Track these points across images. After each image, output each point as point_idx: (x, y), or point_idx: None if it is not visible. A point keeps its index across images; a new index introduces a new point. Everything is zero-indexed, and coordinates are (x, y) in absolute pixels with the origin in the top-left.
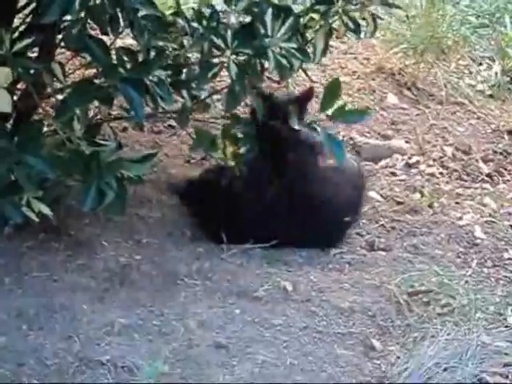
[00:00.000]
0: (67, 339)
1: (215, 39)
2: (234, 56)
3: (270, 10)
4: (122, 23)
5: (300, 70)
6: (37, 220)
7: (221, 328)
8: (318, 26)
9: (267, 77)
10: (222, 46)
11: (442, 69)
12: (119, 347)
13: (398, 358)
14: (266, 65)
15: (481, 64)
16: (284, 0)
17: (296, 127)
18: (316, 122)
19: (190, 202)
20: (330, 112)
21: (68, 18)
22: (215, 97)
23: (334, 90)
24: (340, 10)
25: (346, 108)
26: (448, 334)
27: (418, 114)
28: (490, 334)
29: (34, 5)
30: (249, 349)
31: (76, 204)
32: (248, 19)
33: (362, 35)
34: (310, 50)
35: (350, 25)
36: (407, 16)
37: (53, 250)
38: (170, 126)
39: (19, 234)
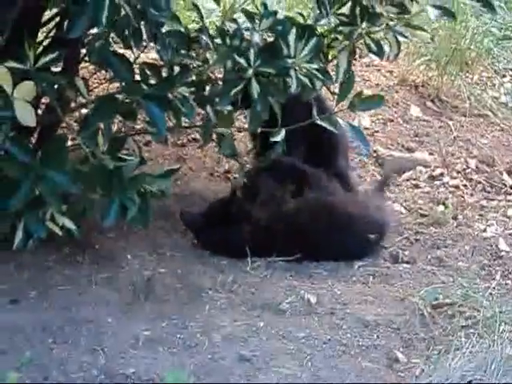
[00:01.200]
0: (92, 352)
1: (237, 58)
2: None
3: (293, 30)
4: (145, 37)
5: None
6: (61, 234)
7: (245, 341)
8: (341, 47)
9: None
10: (245, 64)
11: (465, 81)
12: (144, 360)
13: (423, 370)
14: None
15: (504, 76)
16: (308, 19)
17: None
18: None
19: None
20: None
21: (91, 31)
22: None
23: (349, 82)
24: (363, 32)
25: (363, 96)
26: (472, 347)
27: (441, 126)
28: None
29: (58, 19)
30: (273, 361)
31: (100, 218)
32: (272, 38)
33: (385, 57)
34: (332, 69)
35: (373, 47)
36: (432, 38)
37: (77, 263)
38: (193, 139)
39: (44, 248)
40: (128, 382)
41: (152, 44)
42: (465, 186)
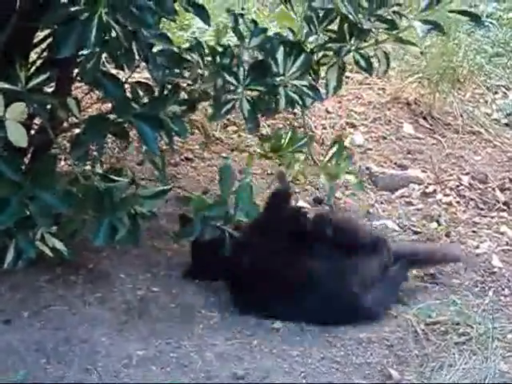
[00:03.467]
0: (86, 372)
1: (227, 76)
2: (248, 91)
3: (281, 48)
4: (137, 57)
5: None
6: (51, 255)
7: (239, 359)
8: (330, 63)
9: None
10: (234, 82)
11: (458, 98)
12: (137, 379)
13: None
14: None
15: (496, 92)
16: (298, 35)
17: None
18: None
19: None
20: None
21: (84, 52)
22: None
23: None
24: (352, 48)
25: None
26: (466, 363)
27: (434, 144)
28: (508, 362)
29: (50, 40)
30: (267, 380)
31: (91, 238)
32: (261, 56)
33: (374, 74)
34: (323, 86)
35: (362, 63)
36: (421, 52)
37: (70, 283)
38: (186, 158)
39: (36, 268)
40: None
41: (144, 64)
42: (458, 202)
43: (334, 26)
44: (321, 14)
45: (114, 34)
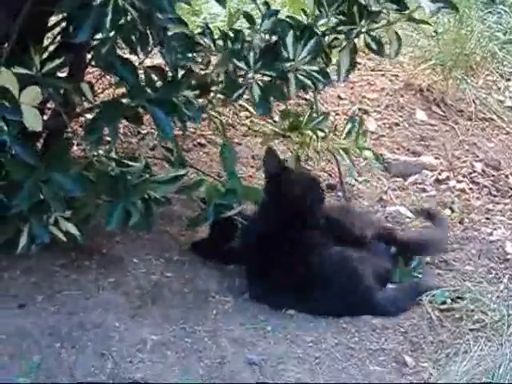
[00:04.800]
0: (100, 357)
1: (237, 62)
2: (259, 76)
3: (291, 32)
4: (151, 42)
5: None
6: (65, 239)
7: (253, 345)
8: (342, 46)
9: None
10: (245, 68)
11: (471, 85)
12: (152, 365)
13: (431, 374)
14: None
15: (509, 80)
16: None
17: None
18: None
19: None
20: None
21: (98, 36)
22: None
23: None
24: (363, 30)
25: None
26: (481, 350)
27: (447, 130)
28: None
29: (63, 24)
30: (281, 365)
31: (104, 222)
32: (272, 40)
33: (386, 55)
34: (335, 69)
35: (373, 45)
36: (436, 31)
37: (84, 267)
38: (199, 144)
39: (50, 253)
40: None
41: (156, 50)
42: (471, 189)
43: (345, 9)
44: None
45: (129, 17)
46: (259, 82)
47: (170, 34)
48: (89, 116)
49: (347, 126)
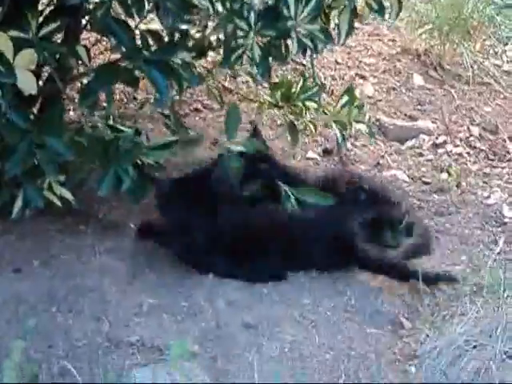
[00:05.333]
0: (96, 320)
1: (238, 22)
2: (258, 37)
3: None
4: (147, 5)
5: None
6: (59, 204)
7: (249, 308)
8: (341, 7)
9: (291, 59)
10: (246, 28)
11: (468, 49)
12: (148, 328)
13: (427, 336)
14: (290, 46)
15: (506, 44)
16: None
17: None
18: None
19: None
20: None
21: (94, 0)
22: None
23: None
24: None
25: None
26: (477, 312)
27: (444, 95)
28: None
29: None
30: (277, 328)
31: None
32: (272, 1)
33: (386, 17)
34: (334, 32)
35: (374, 5)
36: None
37: (80, 232)
38: (195, 109)
39: (46, 218)
40: (132, 349)
41: (152, 15)
42: (468, 153)
43: None
44: None
45: None
46: (259, 43)
47: None
48: (85, 81)
49: (343, 98)
